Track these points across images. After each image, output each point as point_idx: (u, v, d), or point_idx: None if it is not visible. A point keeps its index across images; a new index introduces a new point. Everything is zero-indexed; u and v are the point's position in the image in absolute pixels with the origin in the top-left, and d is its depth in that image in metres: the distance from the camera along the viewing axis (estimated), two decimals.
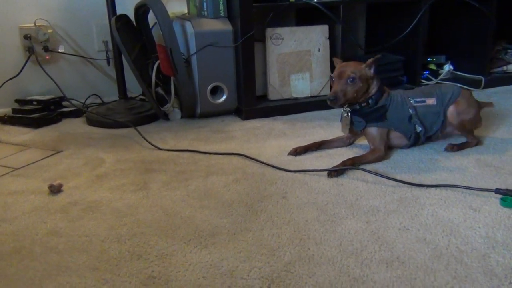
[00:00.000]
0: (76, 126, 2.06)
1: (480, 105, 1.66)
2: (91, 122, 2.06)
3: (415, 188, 1.34)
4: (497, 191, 1.25)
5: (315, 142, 1.68)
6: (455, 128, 1.62)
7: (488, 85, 2.44)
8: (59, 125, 2.08)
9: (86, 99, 2.32)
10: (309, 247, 1.07)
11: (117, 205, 1.30)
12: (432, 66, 2.58)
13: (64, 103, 2.24)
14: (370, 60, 1.52)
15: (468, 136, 1.64)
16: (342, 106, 1.54)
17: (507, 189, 1.24)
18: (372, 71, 1.52)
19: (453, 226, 1.13)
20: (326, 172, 1.45)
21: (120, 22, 1.96)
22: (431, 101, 1.59)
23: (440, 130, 1.62)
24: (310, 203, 1.28)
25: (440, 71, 2.52)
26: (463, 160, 1.54)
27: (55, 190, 1.38)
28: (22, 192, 1.40)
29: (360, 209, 1.23)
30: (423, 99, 1.58)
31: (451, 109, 1.59)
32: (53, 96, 2.22)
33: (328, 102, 1.49)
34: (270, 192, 1.35)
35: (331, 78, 1.53)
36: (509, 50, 2.59)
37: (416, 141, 1.62)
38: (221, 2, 1.99)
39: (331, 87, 1.56)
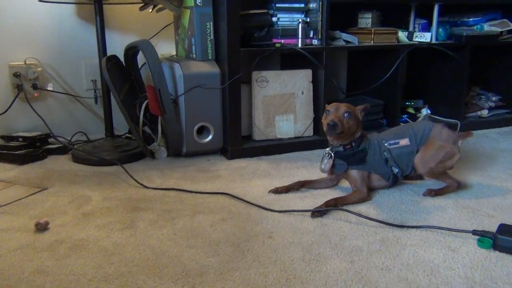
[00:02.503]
0: (61, 163, 2.06)
1: (456, 139, 1.65)
2: (77, 160, 2.07)
3: (397, 228, 1.39)
4: (475, 232, 1.31)
5: (297, 182, 1.71)
6: (425, 177, 1.66)
7: (463, 129, 2.53)
8: (44, 162, 2.08)
9: (72, 137, 2.34)
10: (296, 287, 1.09)
11: (104, 244, 1.30)
12: (411, 110, 2.69)
13: (50, 140, 2.25)
14: (362, 106, 1.60)
15: (445, 180, 1.66)
16: (338, 135, 1.56)
17: (483, 231, 1.30)
18: (361, 115, 1.59)
19: (433, 266, 1.17)
20: (310, 212, 1.49)
21: (110, 62, 2.01)
22: (405, 141, 1.63)
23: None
24: (296, 243, 1.30)
25: (418, 115, 2.63)
26: (441, 201, 1.59)
27: (41, 228, 1.38)
28: (8, 229, 1.39)
29: (344, 249, 1.26)
30: (397, 140, 1.63)
31: (416, 159, 1.60)
32: (39, 133, 2.23)
33: (326, 128, 1.54)
34: (256, 232, 1.37)
35: (326, 111, 1.57)
36: (483, 96, 2.73)
37: (395, 182, 1.67)
38: (210, 46, 2.07)
39: (321, 124, 1.61)
